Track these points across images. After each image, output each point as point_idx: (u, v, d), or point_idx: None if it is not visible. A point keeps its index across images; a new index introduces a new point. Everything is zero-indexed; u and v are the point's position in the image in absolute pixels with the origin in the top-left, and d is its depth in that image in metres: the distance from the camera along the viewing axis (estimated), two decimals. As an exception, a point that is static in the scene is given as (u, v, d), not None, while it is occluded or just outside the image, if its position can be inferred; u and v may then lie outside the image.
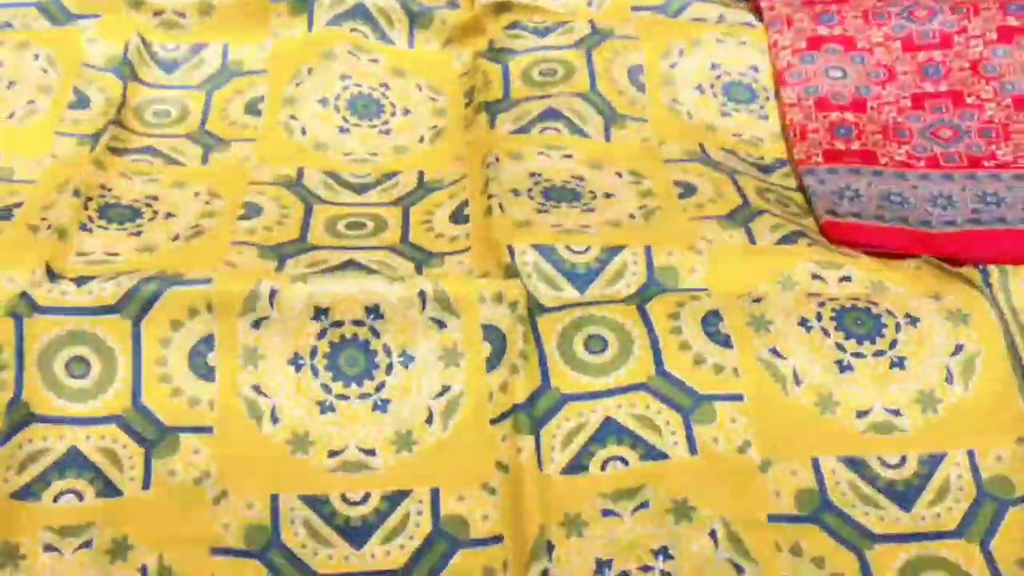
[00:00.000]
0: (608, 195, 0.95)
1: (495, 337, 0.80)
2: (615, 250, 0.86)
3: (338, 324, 0.80)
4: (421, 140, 1.05)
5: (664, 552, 0.71)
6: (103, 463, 0.74)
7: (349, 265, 0.86)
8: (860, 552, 0.72)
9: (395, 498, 0.75)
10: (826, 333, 0.80)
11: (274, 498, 0.74)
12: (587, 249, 0.86)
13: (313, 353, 0.80)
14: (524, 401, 0.77)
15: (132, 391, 0.77)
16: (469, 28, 1.14)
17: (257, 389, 0.78)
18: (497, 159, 0.97)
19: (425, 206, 0.96)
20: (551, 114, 1.03)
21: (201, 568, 0.71)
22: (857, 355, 0.80)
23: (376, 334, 0.80)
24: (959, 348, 0.80)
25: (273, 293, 0.79)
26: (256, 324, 0.79)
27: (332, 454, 0.76)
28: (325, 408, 0.78)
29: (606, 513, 0.73)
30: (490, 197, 0.92)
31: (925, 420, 0.77)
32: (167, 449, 0.75)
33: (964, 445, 0.76)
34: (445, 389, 0.79)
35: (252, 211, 0.92)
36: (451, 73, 1.12)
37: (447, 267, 0.87)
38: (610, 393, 0.78)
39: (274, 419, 0.77)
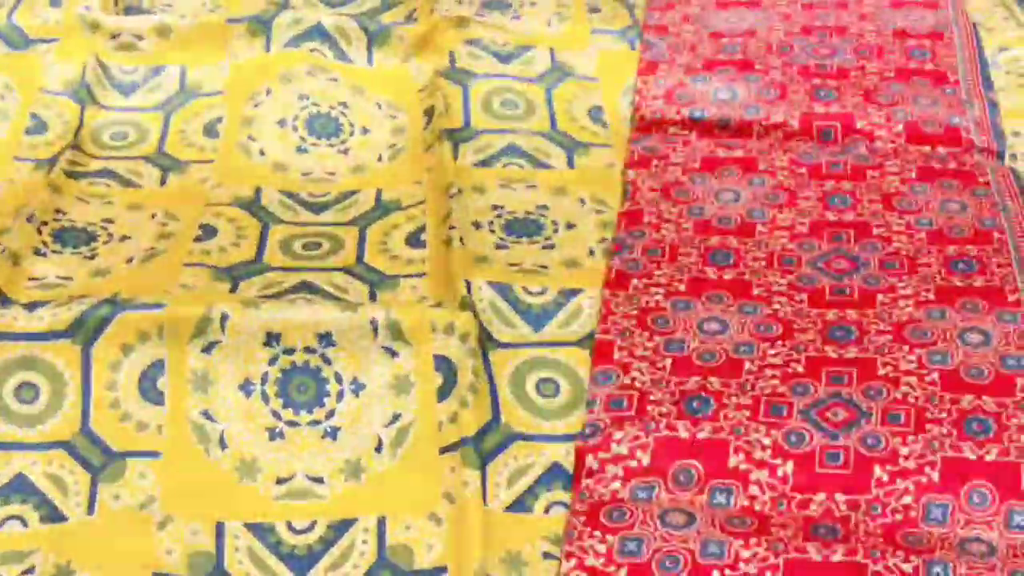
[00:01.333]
0: (570, 226, 0.96)
1: (446, 368, 0.81)
2: (573, 293, 0.86)
3: (290, 350, 0.80)
4: (380, 159, 1.06)
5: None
6: (49, 489, 0.74)
7: (303, 287, 0.86)
8: None
9: (341, 527, 0.75)
10: None
11: (219, 525, 0.74)
12: (544, 290, 0.86)
13: (264, 379, 0.80)
14: (473, 435, 0.77)
15: (81, 416, 0.77)
16: (428, 41, 1.15)
17: (206, 414, 0.78)
18: (460, 191, 0.97)
19: (382, 227, 0.96)
20: (513, 150, 1.04)
21: (143, 594, 0.71)
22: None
23: (328, 361, 0.81)
24: (395, 418, 0.79)
25: (225, 318, 0.80)
26: (207, 349, 0.80)
27: (280, 481, 0.76)
28: (274, 434, 0.78)
29: (547, 556, 0.73)
30: (451, 228, 0.92)
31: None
32: (113, 474, 0.75)
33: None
34: (395, 417, 0.79)
35: (208, 233, 0.92)
36: (411, 88, 1.13)
37: (401, 291, 0.88)
38: (560, 439, 0.79)
39: (223, 445, 0.77)
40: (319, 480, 0.77)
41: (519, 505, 0.75)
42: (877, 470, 0.72)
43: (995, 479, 0.71)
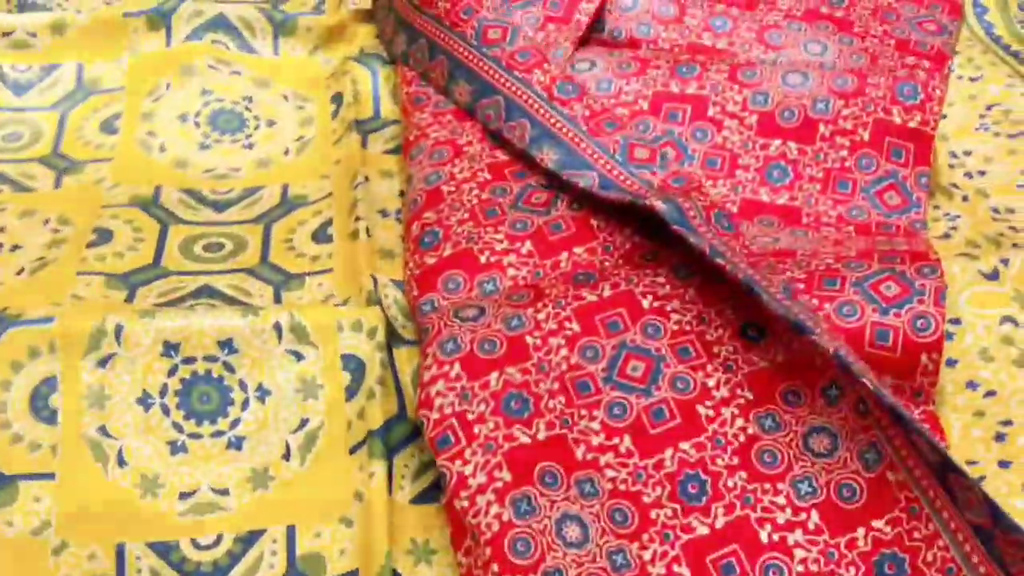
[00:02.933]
0: None
1: (354, 366, 0.78)
2: None
3: (190, 360, 0.77)
4: (286, 152, 1.02)
5: None
6: None
7: (204, 292, 0.83)
8: None
9: (249, 539, 0.72)
10: None
11: (119, 547, 0.71)
12: None
13: (163, 391, 0.76)
14: (379, 427, 0.75)
15: (-30, 440, 0.73)
16: (336, 33, 1.11)
17: (103, 431, 0.75)
18: (367, 178, 0.94)
19: (288, 223, 0.93)
20: None
21: (39, 626, 0.67)
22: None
23: (231, 369, 0.77)
24: (303, 423, 0.77)
25: (119, 329, 0.76)
26: (102, 362, 0.76)
27: (183, 496, 0.73)
28: (176, 448, 0.75)
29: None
30: (357, 219, 0.89)
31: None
32: (6, 499, 0.72)
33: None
34: (303, 423, 0.77)
35: (102, 236, 0.88)
36: (319, 77, 1.09)
37: (307, 290, 0.84)
38: None
39: (121, 462, 0.74)
40: (224, 492, 0.74)
41: (425, 496, 0.73)
42: None
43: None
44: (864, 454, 0.71)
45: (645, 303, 0.79)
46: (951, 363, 0.80)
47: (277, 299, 0.83)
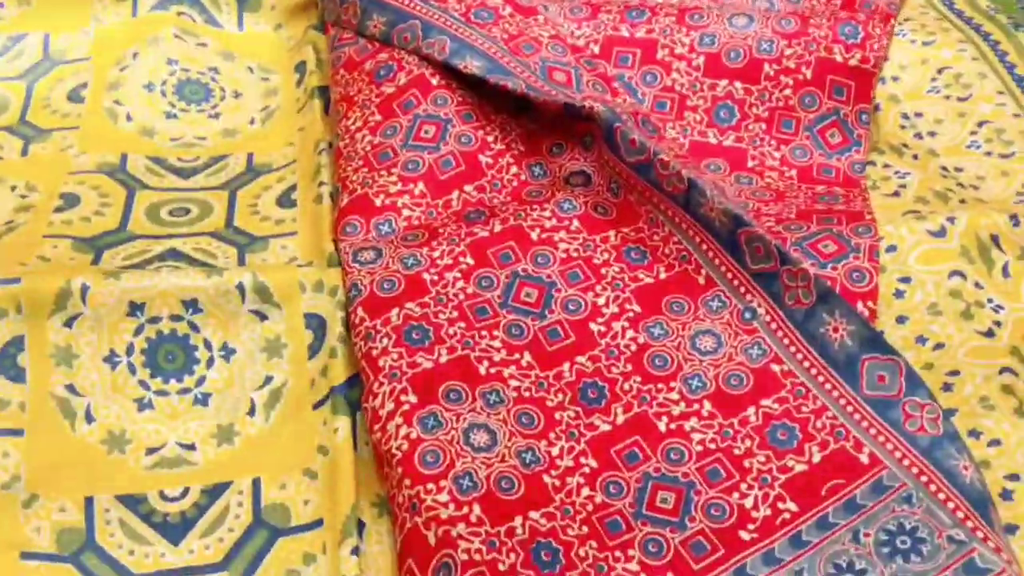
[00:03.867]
0: None
1: (317, 325, 0.80)
2: None
3: (155, 320, 0.79)
4: (252, 122, 1.03)
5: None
6: None
7: (170, 255, 0.84)
8: None
9: (215, 491, 0.74)
10: None
11: (88, 500, 0.73)
12: None
13: (130, 350, 0.78)
14: (342, 383, 0.76)
15: (-61, 399, 0.75)
16: (299, 11, 1.12)
17: (71, 388, 0.76)
18: (330, 145, 0.96)
19: (253, 189, 0.95)
20: None
21: (11, 574, 0.69)
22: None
23: (195, 328, 0.79)
24: (267, 380, 0.80)
25: (85, 290, 0.78)
26: (68, 323, 0.78)
27: (150, 451, 0.75)
28: (143, 405, 0.77)
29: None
30: (321, 184, 0.91)
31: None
32: (-25, 456, 0.73)
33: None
34: (267, 380, 0.78)
35: (69, 202, 0.90)
36: (283, 52, 1.11)
37: (271, 252, 0.86)
38: None
39: (89, 418, 0.75)
40: (191, 447, 0.76)
41: None
42: None
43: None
44: (748, 350, 0.77)
45: (533, 235, 0.84)
46: (902, 320, 0.82)
47: (241, 261, 0.85)
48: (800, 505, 0.69)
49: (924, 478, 0.69)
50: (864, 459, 0.70)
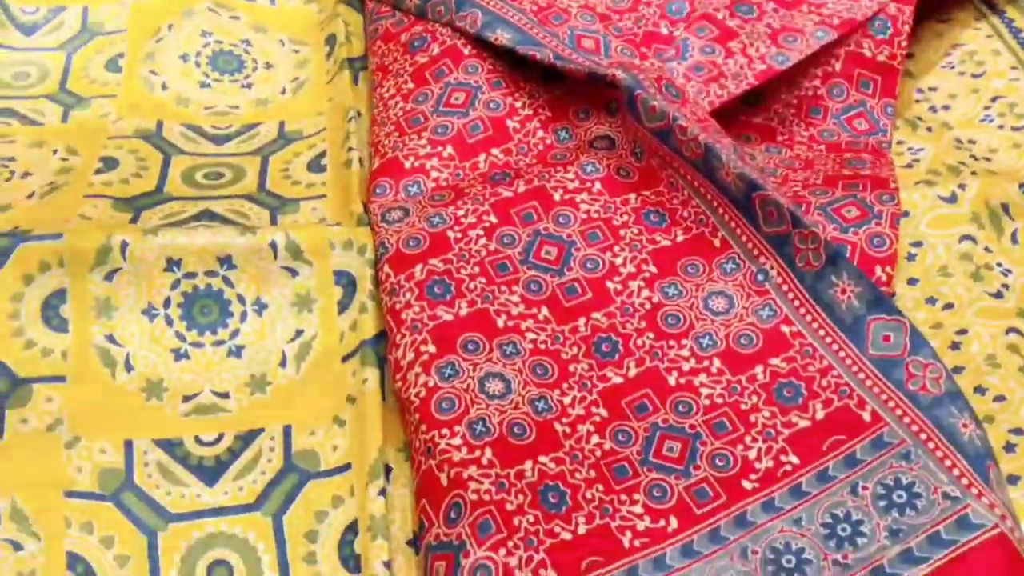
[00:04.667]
0: None
1: (346, 281, 0.83)
2: None
3: (191, 275, 0.82)
4: (283, 92, 1.07)
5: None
6: None
7: (205, 215, 0.88)
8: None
9: (248, 437, 0.77)
10: None
11: (128, 443, 0.76)
12: None
13: (167, 303, 0.81)
14: (371, 337, 0.80)
15: (-15, 347, 0.78)
16: (331, -16, 1.15)
17: (111, 339, 0.79)
18: (359, 113, 0.99)
19: (285, 155, 0.98)
20: None
21: (55, 510, 0.72)
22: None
23: (230, 283, 0.82)
24: (298, 334, 0.83)
25: (125, 246, 0.81)
26: (108, 276, 0.81)
27: (186, 399, 0.78)
28: (180, 355, 0.80)
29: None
30: (350, 150, 0.94)
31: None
32: (21, 399, 0.76)
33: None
34: (298, 333, 0.81)
35: (108, 164, 0.93)
36: (313, 25, 1.14)
37: (301, 214, 0.89)
38: None
39: (128, 367, 0.79)
40: (225, 395, 0.79)
41: None
42: None
43: None
44: (759, 311, 0.79)
45: (556, 196, 0.87)
46: (913, 282, 0.85)
47: (273, 221, 0.88)
48: (802, 458, 0.72)
49: (923, 436, 0.71)
50: (866, 416, 0.73)
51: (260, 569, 0.72)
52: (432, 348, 0.76)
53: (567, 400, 0.75)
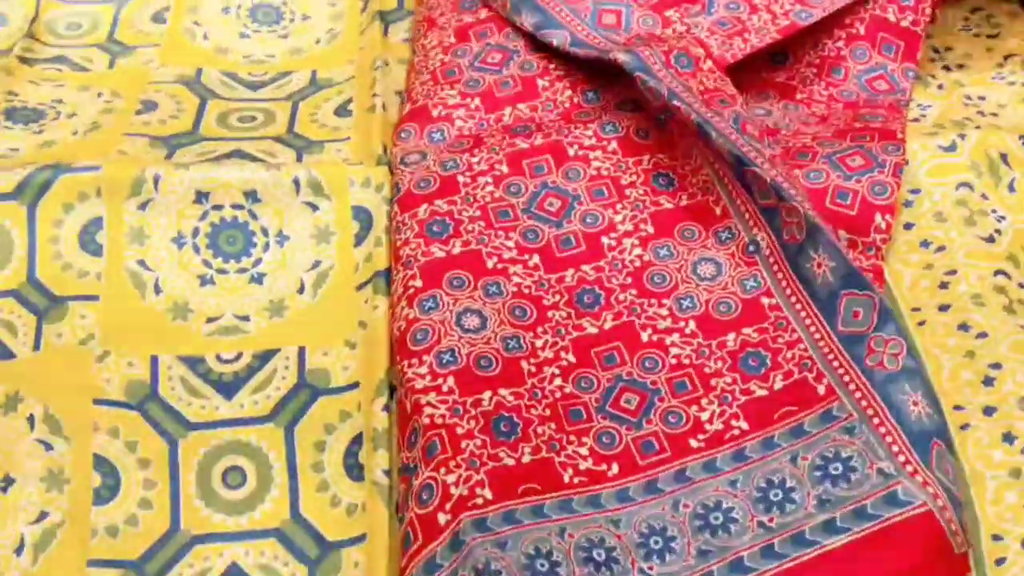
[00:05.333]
0: None
1: (363, 216, 0.88)
2: None
3: (218, 207, 0.87)
4: (317, 42, 1.12)
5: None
6: (1, 333, 0.82)
7: (235, 154, 0.93)
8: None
9: (265, 356, 0.82)
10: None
11: (154, 358, 0.82)
12: None
13: (195, 233, 0.87)
14: (384, 269, 0.84)
15: (27, 268, 0.84)
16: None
17: (142, 263, 0.85)
18: (386, 63, 1.04)
19: (315, 101, 1.03)
20: None
21: (83, 416, 0.78)
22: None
23: (254, 216, 0.88)
24: (316, 264, 0.87)
25: (157, 179, 0.87)
26: (142, 206, 0.87)
27: (210, 320, 0.84)
28: (205, 281, 0.85)
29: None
30: (375, 96, 0.99)
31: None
32: (57, 315, 0.82)
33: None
34: (316, 263, 0.87)
35: (148, 106, 0.99)
36: (350, -24, 1.18)
37: (326, 154, 0.94)
38: None
39: (157, 290, 0.84)
40: (246, 318, 0.84)
41: None
42: None
43: None
44: (744, 281, 0.82)
45: (571, 151, 0.91)
46: (908, 227, 0.87)
47: (299, 160, 0.93)
48: (751, 425, 0.75)
49: (870, 411, 0.73)
50: (821, 390, 0.75)
51: (271, 475, 0.78)
52: (419, 283, 0.81)
53: (539, 343, 0.79)
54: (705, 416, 0.76)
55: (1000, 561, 0.70)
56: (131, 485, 0.77)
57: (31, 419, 0.78)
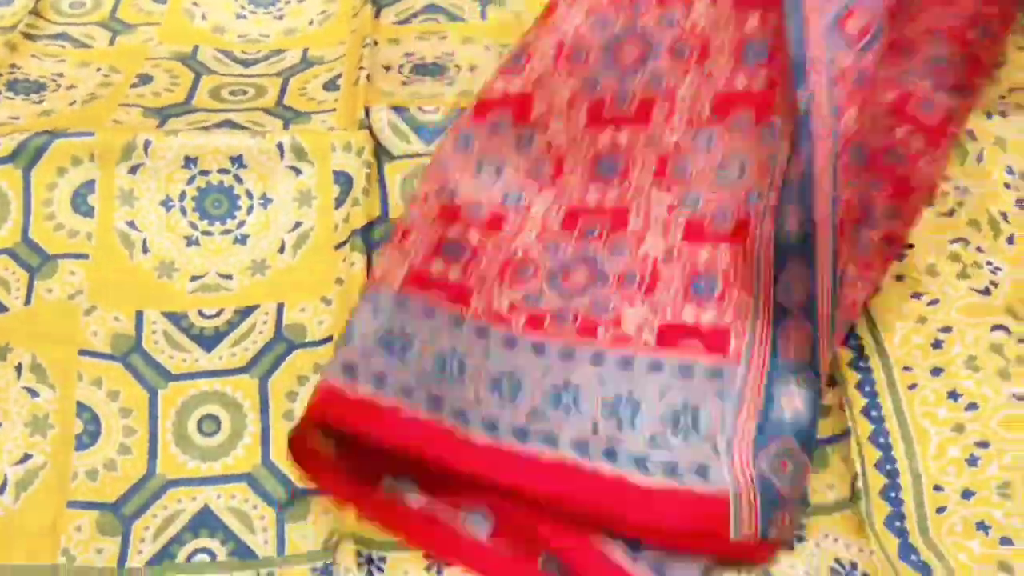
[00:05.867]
0: (472, 68, 1.05)
1: (343, 180, 0.91)
2: (460, 111, 0.96)
3: (206, 172, 0.91)
4: (311, 23, 1.15)
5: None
6: None
7: (225, 124, 0.97)
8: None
9: (245, 312, 0.86)
10: None
11: (139, 313, 0.85)
12: (436, 110, 0.96)
13: (182, 196, 0.91)
14: (361, 228, 0.88)
15: (22, 228, 0.88)
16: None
17: (131, 224, 0.89)
18: (375, 42, 1.07)
19: (305, 77, 1.06)
20: (432, 8, 1.14)
21: (69, 366, 0.82)
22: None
23: (239, 180, 0.91)
24: (297, 225, 0.91)
25: (148, 144, 0.90)
26: (132, 170, 0.90)
27: (194, 278, 0.88)
28: (191, 242, 0.89)
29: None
30: (360, 69, 1.02)
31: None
32: (48, 272, 0.86)
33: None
34: (297, 224, 0.90)
35: (144, 80, 1.03)
36: (344, -37, 1.22)
37: (312, 124, 0.98)
38: None
39: (144, 249, 0.88)
40: (228, 277, 0.88)
41: None
42: None
43: None
44: (751, 195, 0.79)
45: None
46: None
47: (285, 129, 0.97)
48: (658, 343, 0.76)
49: (748, 392, 0.74)
50: (731, 347, 0.76)
51: (244, 423, 0.81)
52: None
53: (537, 200, 0.84)
54: (629, 314, 0.78)
55: (940, 510, 0.72)
56: (112, 432, 0.80)
57: (19, 368, 0.82)
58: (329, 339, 0.84)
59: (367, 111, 0.95)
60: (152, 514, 0.77)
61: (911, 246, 0.85)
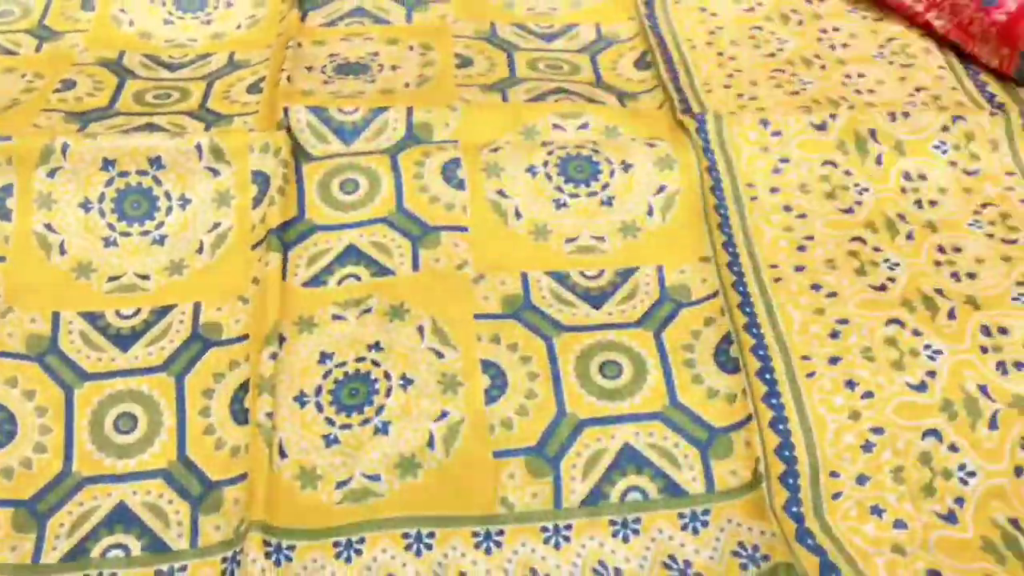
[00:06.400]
0: (395, 67, 1.07)
1: (261, 180, 0.92)
2: (380, 111, 0.98)
3: (124, 174, 0.92)
4: (238, 27, 1.17)
5: (376, 345, 0.84)
6: None
7: (146, 127, 0.98)
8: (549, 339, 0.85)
9: (162, 312, 0.87)
10: (548, 177, 0.93)
11: (55, 314, 0.86)
12: (355, 110, 0.98)
13: (101, 198, 0.92)
14: (277, 227, 0.89)
15: (-63, 232, 0.89)
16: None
17: (49, 227, 0.90)
18: (300, 44, 1.09)
19: (230, 80, 1.08)
20: (358, 12, 1.16)
21: (-16, 367, 0.83)
22: (573, 195, 0.92)
23: (158, 182, 0.92)
24: (662, 188, 0.92)
25: (66, 147, 0.91)
26: (51, 174, 0.91)
27: (111, 279, 0.88)
28: (109, 243, 0.90)
29: (336, 318, 0.85)
30: (282, 71, 1.04)
31: (624, 243, 0.90)
32: (-36, 274, 0.87)
33: (655, 261, 0.89)
34: (216, 225, 0.91)
35: (67, 85, 1.04)
36: (273, -29, 1.23)
37: (234, 126, 0.99)
38: (358, 224, 0.91)
39: (62, 251, 0.89)
40: (146, 277, 0.89)
41: (315, 281, 0.87)
42: None
43: None
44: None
45: None
46: (775, 191, 0.92)
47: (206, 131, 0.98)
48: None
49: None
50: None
51: (161, 421, 0.82)
52: None
53: None
54: None
55: (836, 495, 0.74)
56: (27, 431, 0.81)
57: (-66, 368, 0.83)
58: (245, 337, 0.85)
59: (286, 111, 0.96)
60: (68, 511, 0.78)
61: (811, 238, 0.88)
